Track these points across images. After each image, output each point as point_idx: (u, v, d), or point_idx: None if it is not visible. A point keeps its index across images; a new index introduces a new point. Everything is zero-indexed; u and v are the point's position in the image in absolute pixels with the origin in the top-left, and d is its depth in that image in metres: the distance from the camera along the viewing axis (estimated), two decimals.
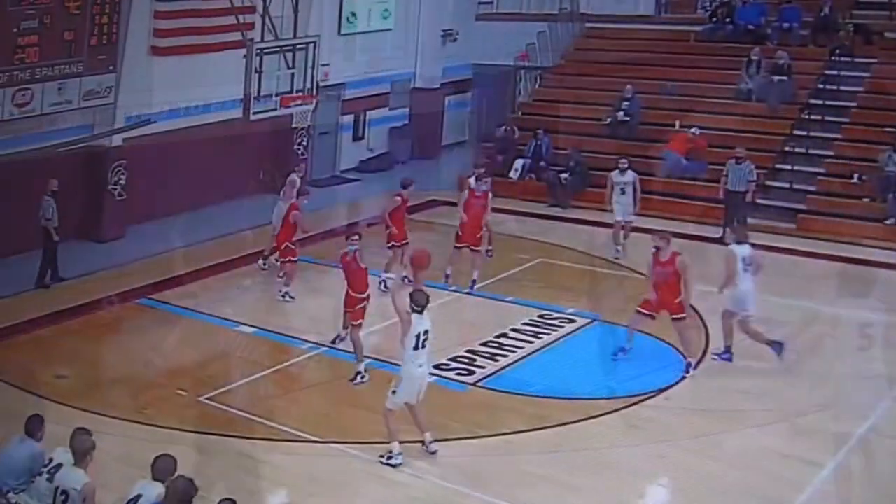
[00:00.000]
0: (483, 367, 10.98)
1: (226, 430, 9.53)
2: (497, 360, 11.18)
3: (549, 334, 11.88)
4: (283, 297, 13.10)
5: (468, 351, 11.37)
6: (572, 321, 12.19)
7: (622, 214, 14.47)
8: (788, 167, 16.91)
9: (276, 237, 13.58)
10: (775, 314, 12.47)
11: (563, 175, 17.56)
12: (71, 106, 14.22)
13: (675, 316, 10.69)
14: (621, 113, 18.24)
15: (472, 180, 13.48)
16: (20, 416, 7.59)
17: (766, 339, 10.86)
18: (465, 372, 10.86)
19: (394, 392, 8.88)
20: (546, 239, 15.14)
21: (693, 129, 17.31)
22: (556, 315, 12.30)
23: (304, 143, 18.69)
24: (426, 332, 8.85)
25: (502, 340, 11.70)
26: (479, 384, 10.64)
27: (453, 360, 11.09)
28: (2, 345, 11.18)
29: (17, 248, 13.43)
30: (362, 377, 10.49)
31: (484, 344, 11.57)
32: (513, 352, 11.41)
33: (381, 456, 8.96)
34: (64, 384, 10.59)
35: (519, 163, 18.16)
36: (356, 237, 11.04)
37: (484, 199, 13.28)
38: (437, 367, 10.75)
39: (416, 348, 8.80)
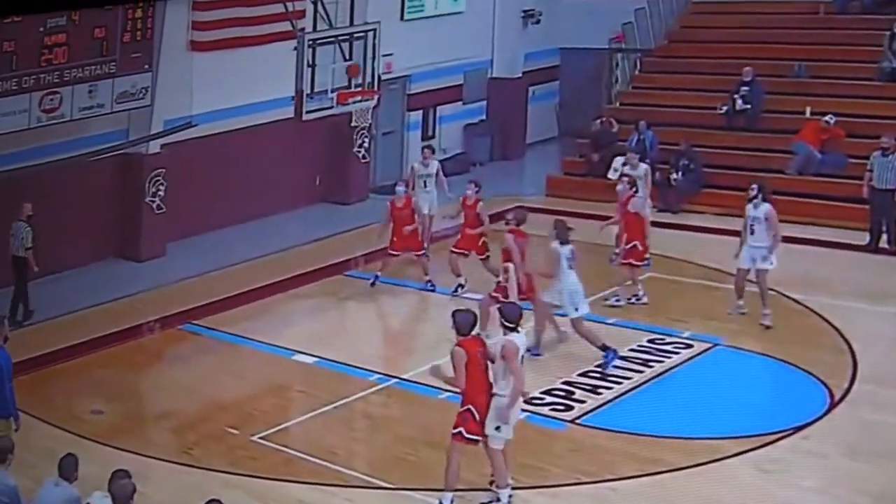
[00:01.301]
0: (583, 402, 10.88)
1: (282, 475, 9.61)
2: (600, 394, 11.06)
3: (661, 362, 11.71)
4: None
5: (565, 383, 11.28)
6: (689, 346, 11.98)
7: (748, 262, 12.50)
8: None
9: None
10: None
11: (673, 175, 17.39)
12: (103, 110, 14.61)
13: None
14: (740, 100, 17.99)
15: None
16: (53, 455, 7.79)
17: (600, 343, 11.48)
18: (562, 407, 10.77)
19: (497, 428, 8.79)
20: (654, 249, 14.86)
21: (828, 117, 17.01)
22: (668, 339, 12.11)
23: (366, 144, 18.86)
24: (526, 350, 8.94)
25: (606, 370, 11.53)
26: (579, 421, 10.54)
27: (548, 393, 11.00)
28: (33, 376, 11.46)
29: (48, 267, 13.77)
30: None
31: (584, 374, 11.45)
32: (618, 383, 11.27)
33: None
34: (100, 420, 10.84)
35: (619, 161, 17.96)
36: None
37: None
38: (528, 401, 10.64)
39: None
